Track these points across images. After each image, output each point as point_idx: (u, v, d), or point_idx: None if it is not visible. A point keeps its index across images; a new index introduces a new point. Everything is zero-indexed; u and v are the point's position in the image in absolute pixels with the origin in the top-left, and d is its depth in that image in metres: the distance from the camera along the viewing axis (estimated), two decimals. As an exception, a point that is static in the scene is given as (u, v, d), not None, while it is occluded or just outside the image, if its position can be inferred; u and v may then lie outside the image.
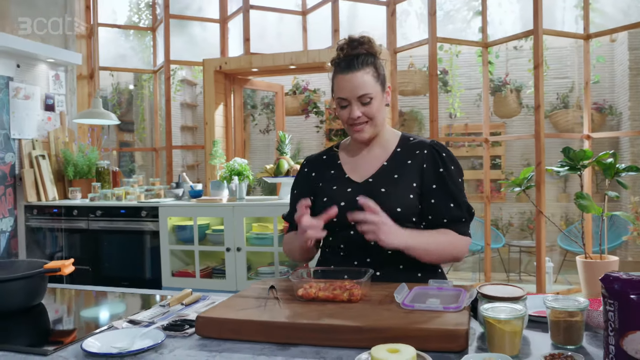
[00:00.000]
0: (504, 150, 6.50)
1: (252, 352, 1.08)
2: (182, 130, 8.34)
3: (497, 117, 6.30)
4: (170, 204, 3.62)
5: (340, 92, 1.51)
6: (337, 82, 1.52)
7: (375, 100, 1.51)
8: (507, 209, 6.38)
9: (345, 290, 1.28)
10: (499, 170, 6.51)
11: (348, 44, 1.52)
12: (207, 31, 5.75)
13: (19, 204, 3.89)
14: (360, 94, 1.49)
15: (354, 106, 1.50)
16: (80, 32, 4.98)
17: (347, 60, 1.50)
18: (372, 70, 1.51)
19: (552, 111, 6.29)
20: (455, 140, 6.47)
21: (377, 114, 1.53)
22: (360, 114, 1.50)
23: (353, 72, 1.49)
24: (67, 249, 3.90)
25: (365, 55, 1.51)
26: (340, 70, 1.51)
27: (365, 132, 1.54)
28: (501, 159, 6.52)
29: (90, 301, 1.67)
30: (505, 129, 6.46)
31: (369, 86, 1.49)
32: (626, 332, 0.83)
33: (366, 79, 1.49)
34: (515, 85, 6.01)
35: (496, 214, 6.44)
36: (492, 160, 6.56)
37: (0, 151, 3.78)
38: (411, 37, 4.91)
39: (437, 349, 1.04)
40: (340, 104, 1.54)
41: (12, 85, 3.85)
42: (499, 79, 6.08)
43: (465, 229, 1.54)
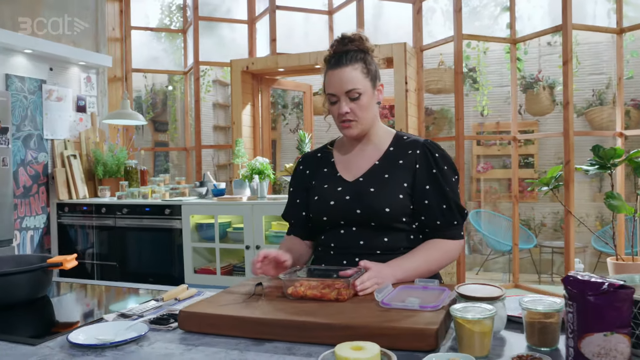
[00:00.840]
0: (537, 149, 6.33)
1: (227, 347, 1.11)
2: (215, 130, 8.48)
3: (530, 115, 6.14)
4: (192, 202, 3.70)
5: (329, 87, 1.53)
6: (327, 78, 1.54)
7: (364, 96, 1.51)
8: (539, 208, 6.21)
9: (334, 289, 1.28)
10: (531, 169, 6.35)
11: (339, 41, 1.53)
12: (236, 32, 5.84)
13: (52, 201, 4.05)
14: (348, 89, 1.49)
15: (342, 101, 1.50)
16: (115, 35, 5.15)
17: (337, 56, 1.51)
18: (361, 66, 1.51)
19: (587, 108, 6.09)
20: (485, 138, 6.36)
21: (365, 110, 1.52)
22: (348, 109, 1.50)
23: (341, 67, 1.49)
24: (97, 246, 4.03)
25: (354, 51, 1.51)
26: (330, 66, 1.52)
27: (353, 129, 1.54)
28: (534, 157, 6.35)
29: (93, 295, 1.73)
30: (539, 127, 6.29)
31: (357, 81, 1.49)
32: (583, 334, 0.81)
33: (354, 74, 1.49)
34: (548, 82, 5.85)
35: (528, 213, 6.28)
36: (525, 159, 6.41)
37: (33, 151, 3.94)
38: (437, 34, 4.85)
39: (407, 347, 1.04)
40: (330, 100, 1.55)
41: (45, 88, 4.01)
42: (531, 75, 5.93)
43: (457, 232, 1.53)
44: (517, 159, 4.74)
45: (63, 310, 1.58)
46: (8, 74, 3.80)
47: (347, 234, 1.54)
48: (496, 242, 5.59)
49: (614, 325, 0.79)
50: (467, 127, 6.70)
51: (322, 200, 1.55)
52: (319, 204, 1.56)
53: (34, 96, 3.94)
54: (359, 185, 1.54)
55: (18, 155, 3.87)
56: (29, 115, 3.94)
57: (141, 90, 7.48)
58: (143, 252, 3.88)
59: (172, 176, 7.88)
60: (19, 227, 3.88)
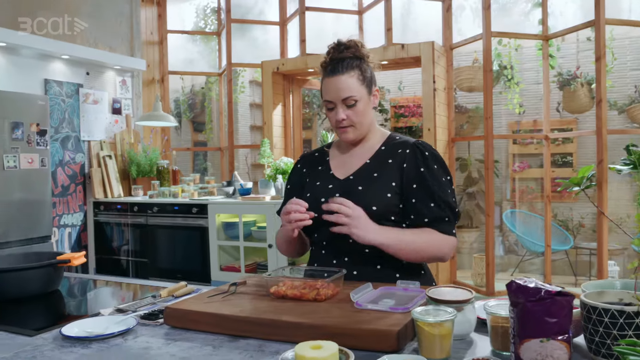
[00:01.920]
0: (576, 147, 6.13)
1: (203, 342, 1.16)
2: (252, 129, 8.62)
3: (568, 113, 5.96)
4: (218, 202, 3.80)
5: (326, 94, 1.56)
6: (324, 85, 1.57)
7: (360, 103, 1.54)
8: (578, 209, 6.02)
9: (314, 289, 1.32)
10: (569, 168, 6.16)
11: (335, 48, 1.56)
12: (268, 33, 5.93)
13: (88, 200, 4.25)
14: (344, 97, 1.52)
15: (339, 108, 1.54)
16: (153, 39, 5.33)
17: (333, 63, 1.54)
18: (357, 74, 1.53)
19: (630, 105, 5.86)
20: (516, 137, 6.22)
21: (362, 116, 1.55)
22: (344, 116, 1.54)
23: (337, 75, 1.52)
24: (131, 243, 4.20)
25: (350, 58, 1.54)
26: (327, 73, 1.55)
27: (350, 134, 1.58)
28: (572, 156, 6.16)
29: (103, 290, 1.82)
30: (577, 125, 6.09)
31: (354, 89, 1.52)
32: (522, 340, 0.82)
33: (350, 82, 1.52)
34: (586, 79, 5.66)
35: (566, 214, 6.09)
36: (563, 158, 6.22)
37: (71, 152, 4.14)
38: (467, 32, 4.79)
39: (371, 348, 1.06)
40: (327, 107, 1.58)
41: (82, 91, 4.21)
42: (568, 72, 5.75)
43: (448, 228, 1.51)
44: (548, 158, 4.63)
45: (70, 304, 1.67)
46: (47, 78, 4.01)
47: (337, 234, 1.57)
48: (531, 243, 5.47)
49: (550, 332, 0.79)
50: (502, 125, 6.57)
51: (313, 197, 1.59)
52: (311, 201, 1.59)
53: (72, 99, 4.15)
54: (349, 183, 1.57)
55: (56, 156, 4.08)
56: (67, 117, 4.14)
57: (179, 91, 7.70)
58: (172, 250, 4.02)
59: (212, 175, 8.08)
60: (58, 225, 4.09)
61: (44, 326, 1.33)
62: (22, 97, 3.61)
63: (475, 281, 4.74)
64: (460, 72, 5.85)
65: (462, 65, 6.00)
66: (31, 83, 3.92)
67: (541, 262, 5.78)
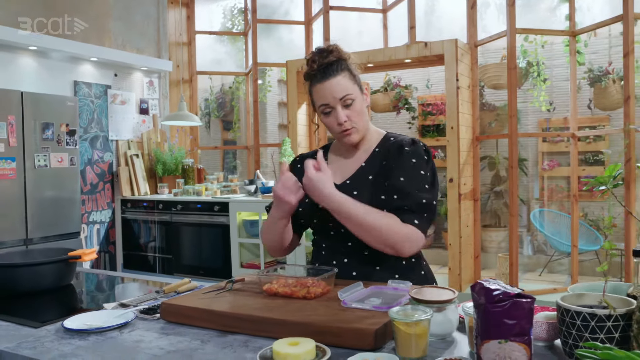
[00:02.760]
0: (608, 145, 5.97)
1: (193, 337, 1.21)
2: (279, 128, 8.71)
3: (599, 110, 5.81)
4: (239, 200, 3.87)
5: (321, 99, 1.54)
6: (316, 92, 1.55)
7: (356, 102, 1.54)
8: (609, 208, 5.86)
9: (304, 287, 1.35)
10: (601, 167, 6.00)
11: (319, 55, 1.54)
12: (294, 33, 5.98)
13: (116, 197, 4.39)
14: (341, 96, 1.51)
15: (338, 110, 1.52)
16: (182, 40, 5.46)
17: (322, 69, 1.53)
18: (348, 74, 1.53)
19: (666, 101, 5.67)
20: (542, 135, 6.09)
21: (360, 115, 1.55)
22: (345, 117, 1.53)
23: (330, 78, 1.51)
24: (157, 240, 4.32)
25: (337, 61, 1.54)
26: (317, 80, 1.53)
27: (353, 135, 1.56)
28: (604, 154, 5.99)
29: (115, 285, 1.89)
30: (610, 122, 5.93)
31: (349, 88, 1.52)
32: (483, 341, 0.83)
33: (343, 82, 1.52)
34: (619, 75, 5.50)
35: (597, 213, 5.94)
36: (595, 156, 6.06)
37: (99, 151, 4.29)
38: (491, 29, 4.72)
39: (350, 345, 1.09)
40: (324, 112, 1.56)
41: (110, 92, 4.35)
42: (599, 68, 5.60)
43: (408, 218, 1.45)
44: (576, 156, 4.53)
45: (81, 298, 1.75)
46: (76, 80, 4.16)
47: (336, 235, 1.59)
48: (559, 243, 5.36)
49: (509, 334, 0.80)
50: (532, 122, 6.45)
51: (311, 203, 1.61)
52: (309, 207, 1.62)
53: (100, 100, 4.29)
54: (345, 188, 1.58)
55: (85, 155, 4.23)
56: (96, 118, 4.29)
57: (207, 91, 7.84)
58: (195, 247, 4.12)
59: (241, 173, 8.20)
60: (87, 221, 4.24)
61: (50, 319, 1.40)
62: (52, 99, 3.77)
63: (499, 281, 4.68)
64: (488, 70, 5.77)
65: (490, 62, 5.92)
66: (61, 85, 4.08)
67: (569, 262, 5.65)
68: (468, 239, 4.67)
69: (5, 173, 3.45)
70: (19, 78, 3.87)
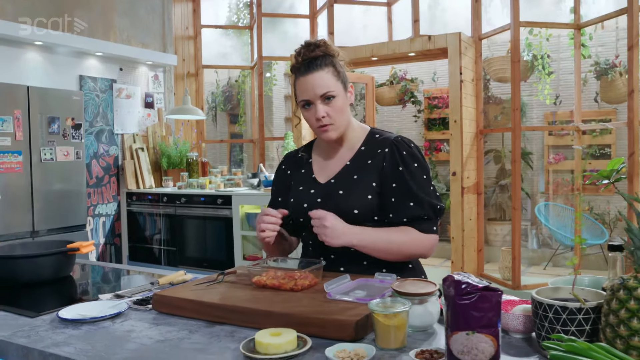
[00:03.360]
0: (614, 138, 5.93)
1: (182, 327, 1.24)
2: (286, 121, 8.74)
3: (606, 103, 5.78)
4: (242, 193, 3.91)
5: (302, 94, 1.54)
6: (298, 85, 1.55)
7: (338, 99, 1.53)
8: (615, 202, 5.83)
9: (292, 279, 1.38)
10: (607, 160, 5.97)
11: (305, 48, 1.55)
12: (299, 27, 5.99)
13: (121, 190, 4.45)
14: (322, 93, 1.51)
15: (317, 105, 1.52)
16: (188, 33, 5.49)
17: (306, 62, 1.53)
18: (332, 70, 1.53)
19: (673, 94, 5.62)
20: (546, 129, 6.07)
21: (340, 113, 1.55)
22: (324, 113, 1.52)
23: (312, 72, 1.51)
24: (162, 232, 4.38)
25: (322, 56, 1.54)
26: (301, 73, 1.54)
27: (331, 132, 1.56)
28: (611, 148, 5.96)
29: (113, 277, 1.94)
30: (617, 116, 5.89)
31: (330, 84, 1.52)
32: (452, 332, 0.86)
33: (326, 77, 1.51)
34: (625, 68, 5.46)
35: (603, 207, 5.92)
36: (601, 150, 6.03)
37: (105, 145, 4.35)
38: (496, 22, 4.71)
39: (332, 336, 1.11)
40: (304, 106, 1.56)
41: (116, 87, 4.40)
42: (606, 61, 5.56)
43: (428, 227, 1.51)
44: (580, 150, 4.51)
45: (79, 289, 1.80)
46: (82, 75, 4.22)
47: None
48: (563, 237, 5.35)
49: (476, 325, 0.83)
50: (538, 116, 6.42)
51: (297, 203, 1.63)
52: (295, 206, 1.63)
53: (105, 94, 4.34)
54: (330, 187, 1.59)
55: (91, 149, 4.28)
56: (101, 112, 4.34)
57: (214, 84, 7.88)
58: (199, 239, 4.17)
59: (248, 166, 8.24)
60: (92, 214, 4.31)
61: (47, 309, 1.44)
62: (58, 93, 3.82)
63: (502, 274, 4.69)
64: (493, 63, 5.75)
65: (496, 55, 5.90)
66: (67, 79, 4.13)
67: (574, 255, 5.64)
68: (471, 232, 4.68)
69: (12, 167, 3.51)
70: (25, 73, 3.92)
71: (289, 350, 1.04)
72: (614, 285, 0.88)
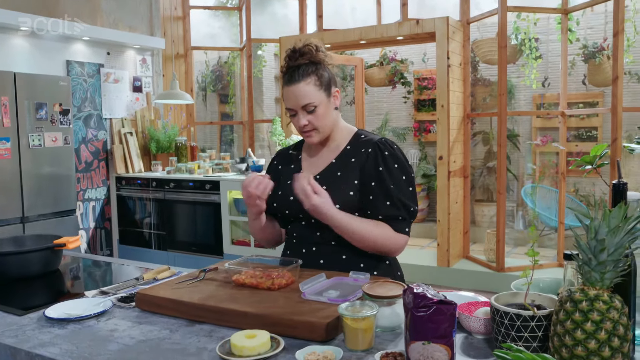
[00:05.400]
0: (601, 121, 5.99)
1: (164, 326, 1.30)
2: (276, 102, 8.72)
3: (593, 86, 5.82)
4: (230, 178, 3.95)
5: (287, 102, 1.63)
6: (284, 93, 1.63)
7: (319, 108, 1.60)
8: (600, 184, 5.92)
9: (270, 279, 1.44)
10: (594, 143, 6.04)
11: (290, 57, 1.61)
12: (288, 8, 5.95)
13: (111, 175, 4.48)
14: (303, 104, 1.58)
15: (299, 115, 1.61)
16: (177, 14, 5.45)
17: (290, 72, 1.60)
18: (314, 79, 1.59)
19: (659, 77, 5.67)
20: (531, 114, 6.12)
21: (323, 120, 1.61)
22: (306, 122, 1.60)
23: (294, 84, 1.58)
24: (152, 216, 4.42)
25: (306, 65, 1.59)
26: (285, 82, 1.62)
27: (314, 137, 1.65)
28: (597, 130, 6.03)
29: (100, 271, 1.99)
30: (604, 98, 5.94)
31: (311, 95, 1.58)
32: (410, 341, 0.92)
33: (307, 89, 1.58)
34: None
35: (588, 189, 6.01)
36: (588, 132, 6.10)
37: (94, 129, 4.36)
38: (484, 6, 4.71)
39: (304, 337, 1.18)
40: (290, 113, 1.65)
41: (103, 71, 4.39)
42: (594, 44, 5.58)
43: (401, 227, 1.59)
44: (565, 134, 4.57)
45: (66, 284, 1.85)
46: (69, 60, 4.20)
47: (306, 226, 1.67)
48: (548, 219, 5.45)
49: (431, 336, 0.89)
50: (527, 98, 6.45)
51: (283, 196, 1.69)
52: (281, 199, 1.70)
53: (93, 79, 4.33)
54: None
55: (79, 134, 4.30)
56: (89, 97, 4.34)
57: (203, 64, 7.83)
58: (188, 224, 4.22)
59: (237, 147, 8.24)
60: (82, 199, 4.34)
61: (35, 305, 1.49)
62: (45, 79, 3.81)
63: (487, 257, 4.78)
64: (482, 45, 5.76)
65: (485, 37, 5.90)
66: (53, 65, 4.12)
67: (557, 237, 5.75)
68: (457, 215, 4.76)
69: (0, 153, 3.53)
70: (11, 59, 3.91)
71: (262, 352, 1.10)
72: (562, 297, 0.94)
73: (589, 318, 0.89)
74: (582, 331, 0.89)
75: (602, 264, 0.91)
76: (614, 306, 0.90)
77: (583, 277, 0.93)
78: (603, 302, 0.90)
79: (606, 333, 0.88)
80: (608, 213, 0.91)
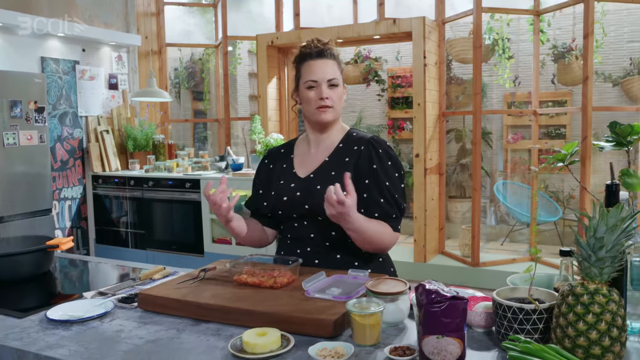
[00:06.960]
0: (569, 119, 6.19)
1: (170, 326, 1.32)
2: (251, 99, 8.70)
3: (562, 85, 6.01)
4: (209, 177, 3.95)
5: (311, 75, 1.67)
6: (307, 67, 1.68)
7: (339, 89, 1.69)
8: (569, 180, 6.12)
9: (271, 277, 1.47)
10: (563, 140, 6.24)
11: (318, 40, 1.69)
12: (264, 6, 5.94)
13: (87, 174, 4.41)
14: (330, 77, 1.66)
15: (323, 87, 1.66)
16: (151, 10, 5.39)
17: (319, 49, 1.68)
18: (338, 64, 1.70)
19: (624, 77, 5.88)
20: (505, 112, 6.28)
21: (339, 101, 1.71)
22: (328, 94, 1.67)
23: (324, 59, 1.67)
24: (130, 215, 4.38)
25: (331, 50, 1.69)
26: (312, 57, 1.68)
27: (329, 113, 1.68)
28: (566, 128, 6.23)
29: (92, 272, 1.98)
30: (572, 97, 6.14)
31: (337, 74, 1.69)
32: (423, 335, 0.96)
33: (335, 67, 1.69)
34: (581, 52, 5.68)
35: (557, 185, 6.21)
36: (557, 130, 6.29)
37: (69, 127, 4.28)
38: (459, 7, 4.81)
39: (311, 334, 1.21)
40: (309, 86, 1.68)
41: (79, 68, 4.31)
42: (563, 44, 5.76)
43: (395, 225, 1.64)
44: (536, 131, 4.71)
45: (59, 286, 1.84)
46: (43, 56, 4.11)
47: (300, 227, 1.70)
48: (519, 214, 5.61)
49: (445, 330, 0.94)
50: (498, 96, 6.62)
51: (277, 196, 1.71)
52: (275, 199, 1.72)
53: (68, 76, 4.26)
54: (309, 182, 1.69)
55: (55, 132, 4.22)
56: (64, 94, 4.26)
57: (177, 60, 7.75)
58: (167, 222, 4.20)
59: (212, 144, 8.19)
60: (58, 198, 4.27)
61: (33, 307, 1.49)
62: (19, 76, 3.73)
63: (462, 252, 4.90)
64: (456, 44, 5.87)
65: (458, 37, 6.02)
66: (28, 61, 4.03)
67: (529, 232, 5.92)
68: (433, 211, 4.85)
69: (-27, 152, 3.44)
70: (-17, 55, 3.81)
71: (274, 349, 1.13)
72: (564, 291, 1.00)
73: (589, 310, 0.95)
74: (584, 322, 0.95)
75: (601, 260, 0.97)
76: (613, 299, 0.96)
77: (583, 272, 0.99)
78: (603, 296, 0.96)
79: (606, 324, 0.94)
80: (606, 213, 0.97)
